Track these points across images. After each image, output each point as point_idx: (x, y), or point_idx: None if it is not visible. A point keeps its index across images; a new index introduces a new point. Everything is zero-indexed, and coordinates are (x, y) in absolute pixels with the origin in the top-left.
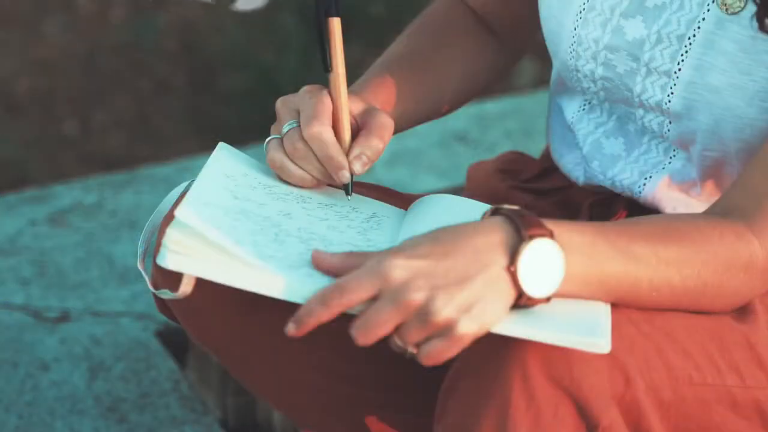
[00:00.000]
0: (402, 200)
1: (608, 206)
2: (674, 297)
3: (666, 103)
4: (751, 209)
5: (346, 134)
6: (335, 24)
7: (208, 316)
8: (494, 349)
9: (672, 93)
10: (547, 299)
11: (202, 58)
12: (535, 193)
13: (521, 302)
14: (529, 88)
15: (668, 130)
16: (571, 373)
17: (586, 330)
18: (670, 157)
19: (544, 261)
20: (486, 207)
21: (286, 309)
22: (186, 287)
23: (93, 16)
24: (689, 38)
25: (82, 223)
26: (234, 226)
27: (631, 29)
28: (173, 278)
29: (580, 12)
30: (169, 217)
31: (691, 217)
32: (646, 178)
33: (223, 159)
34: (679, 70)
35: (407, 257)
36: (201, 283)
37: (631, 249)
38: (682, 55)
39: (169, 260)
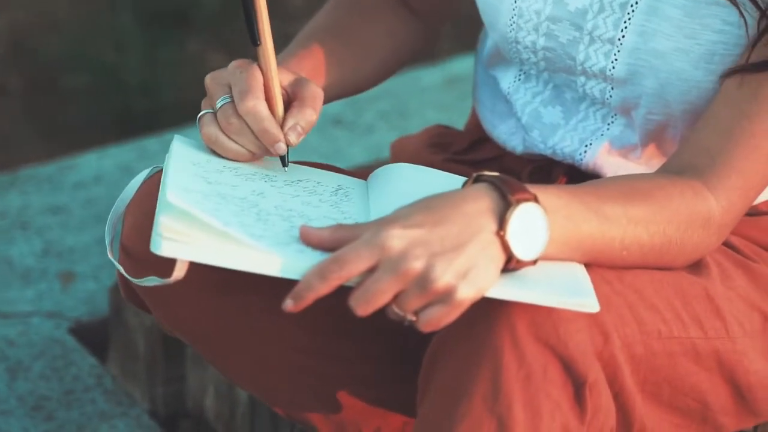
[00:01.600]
0: (345, 174)
1: (547, 173)
2: (642, 254)
3: (610, 70)
4: (705, 167)
5: (279, 107)
6: None
7: (181, 301)
8: (482, 313)
9: (616, 59)
10: (534, 262)
11: (39, 60)
12: (469, 165)
13: (510, 266)
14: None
15: (610, 96)
16: (557, 333)
17: (575, 290)
18: (608, 124)
19: (531, 224)
20: (449, 175)
21: (259, 290)
22: (179, 272)
23: None
24: (632, 5)
25: None
26: (217, 209)
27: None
28: (142, 267)
29: None
30: (133, 206)
31: (651, 177)
32: (586, 146)
33: (183, 148)
34: (623, 36)
35: (403, 227)
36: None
37: (603, 210)
38: (625, 22)
39: (163, 247)
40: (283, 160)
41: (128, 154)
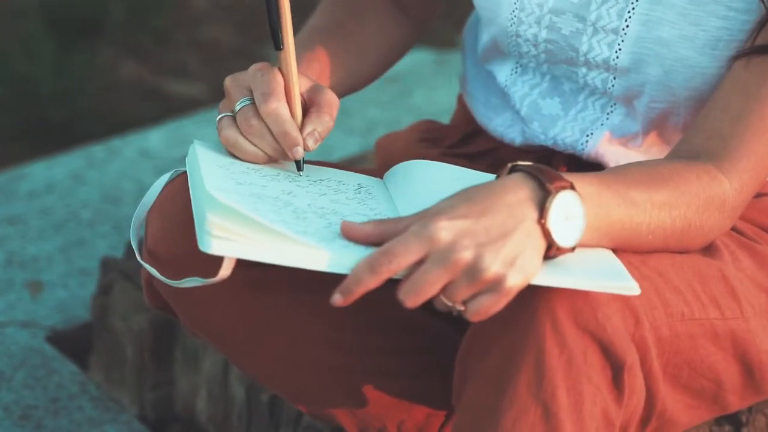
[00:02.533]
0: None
1: (547, 163)
2: (665, 238)
3: (614, 60)
4: (718, 150)
5: (298, 110)
6: (284, 2)
7: (210, 302)
8: (521, 301)
9: (620, 49)
10: (572, 249)
11: None
12: (466, 158)
13: (551, 253)
14: None
15: (612, 86)
16: (595, 318)
17: (614, 275)
18: (608, 113)
19: (570, 212)
20: (466, 169)
21: (288, 288)
22: (226, 271)
23: None
24: None
25: None
26: (257, 208)
27: None
28: (170, 269)
29: None
30: (157, 210)
31: (669, 162)
32: (587, 135)
33: (207, 153)
34: (627, 26)
35: (449, 218)
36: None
37: (630, 195)
38: (629, 12)
39: (213, 246)
40: (299, 165)
41: (77, 161)
